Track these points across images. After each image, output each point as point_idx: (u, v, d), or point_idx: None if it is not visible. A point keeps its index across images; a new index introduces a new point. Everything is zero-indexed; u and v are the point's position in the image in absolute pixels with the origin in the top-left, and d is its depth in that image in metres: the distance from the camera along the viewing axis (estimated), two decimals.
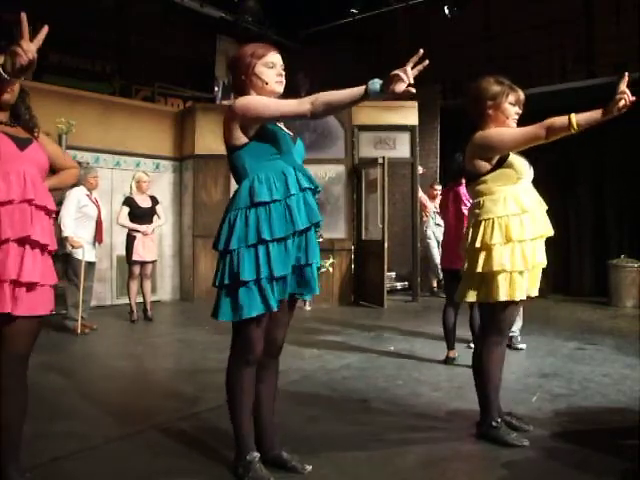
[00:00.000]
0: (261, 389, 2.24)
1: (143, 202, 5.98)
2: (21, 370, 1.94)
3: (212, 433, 2.65)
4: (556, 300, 7.47)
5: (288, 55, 2.21)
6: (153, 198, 6.12)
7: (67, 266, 5.30)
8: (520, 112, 2.57)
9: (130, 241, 5.90)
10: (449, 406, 3.10)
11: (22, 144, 1.94)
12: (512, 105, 2.53)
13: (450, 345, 4.10)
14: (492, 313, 2.54)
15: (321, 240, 2.31)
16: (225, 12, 9.02)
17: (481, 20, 8.41)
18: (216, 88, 9.68)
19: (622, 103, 2.16)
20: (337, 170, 7.57)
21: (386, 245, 7.03)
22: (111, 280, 7.26)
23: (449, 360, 4.06)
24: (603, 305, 7.09)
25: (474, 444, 2.55)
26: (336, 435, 2.65)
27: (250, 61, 2.11)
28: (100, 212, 5.45)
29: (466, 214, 3.54)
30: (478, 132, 2.56)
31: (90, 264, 5.39)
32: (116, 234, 6.83)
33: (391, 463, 2.34)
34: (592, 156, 8.15)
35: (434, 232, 7.95)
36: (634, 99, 2.19)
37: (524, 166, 2.55)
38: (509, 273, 2.45)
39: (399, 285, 8.71)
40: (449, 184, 4.29)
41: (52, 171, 2.18)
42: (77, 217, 5.25)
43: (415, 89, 1.82)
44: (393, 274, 8.73)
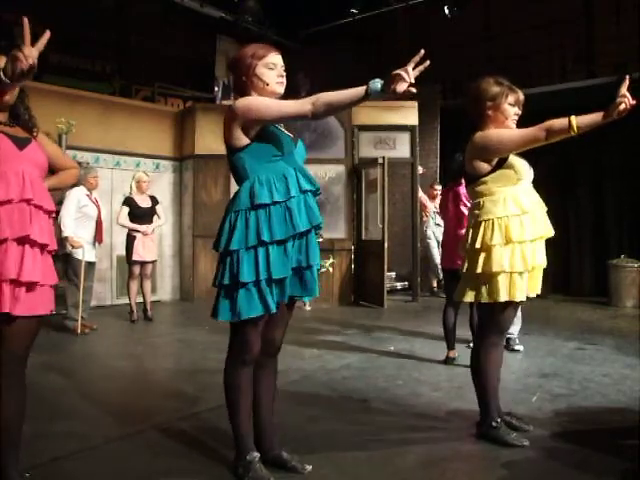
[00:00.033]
0: (260, 389, 2.24)
1: (143, 202, 5.98)
2: (20, 370, 1.94)
3: (212, 433, 2.65)
4: (556, 300, 7.47)
5: (288, 55, 2.21)
6: (153, 198, 6.12)
7: (67, 266, 5.31)
8: (519, 113, 2.57)
9: (130, 241, 5.90)
10: (449, 406, 3.10)
11: (21, 144, 1.94)
12: (511, 106, 2.53)
13: (450, 345, 4.10)
14: (491, 313, 2.54)
15: (321, 240, 2.31)
16: (225, 12, 9.02)
17: (481, 20, 8.41)
18: (216, 88, 9.68)
19: (622, 107, 2.16)
20: (337, 170, 7.57)
21: (386, 245, 7.03)
22: (111, 280, 7.26)
23: (449, 360, 4.07)
24: (603, 305, 7.09)
25: (474, 444, 2.55)
26: (336, 435, 2.65)
27: (251, 62, 2.11)
28: (100, 212, 5.45)
29: (466, 214, 3.54)
30: (477, 133, 2.56)
31: (90, 264, 5.39)
32: (116, 234, 6.83)
33: (391, 463, 2.34)
34: (592, 156, 8.15)
35: (434, 232, 7.95)
36: (634, 103, 2.18)
37: (524, 167, 2.55)
38: (509, 274, 2.45)
39: (399, 285, 8.71)
40: (449, 184, 4.29)
41: (52, 171, 2.18)
42: (77, 217, 5.26)
43: (416, 89, 1.82)
44: (393, 274, 8.73)
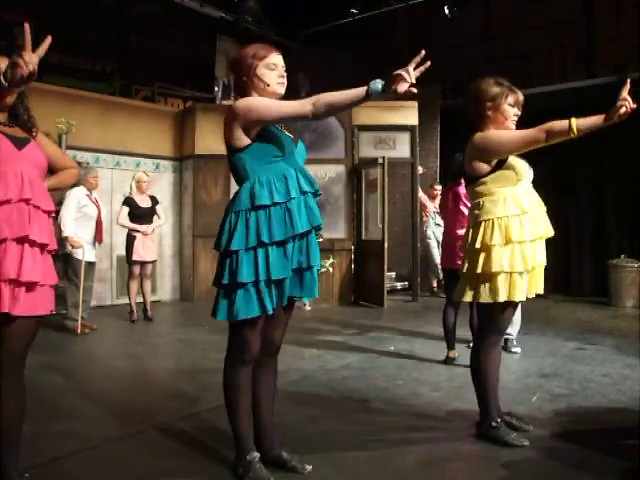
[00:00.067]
0: (260, 389, 2.24)
1: (143, 202, 5.99)
2: (19, 370, 1.93)
3: (212, 433, 2.65)
4: (556, 300, 7.47)
5: (288, 55, 2.21)
6: (153, 198, 6.12)
7: (67, 266, 5.31)
8: (519, 114, 2.57)
9: (130, 241, 5.90)
10: (449, 406, 3.10)
11: (20, 144, 1.94)
12: (511, 106, 2.53)
13: (450, 345, 4.10)
14: (491, 313, 2.53)
15: (321, 240, 2.31)
16: (225, 12, 9.02)
17: (481, 20, 8.41)
18: (216, 88, 9.68)
19: (623, 110, 2.15)
20: (337, 170, 7.57)
21: (386, 245, 7.03)
22: (111, 280, 7.26)
23: (449, 360, 4.07)
24: (603, 305, 7.09)
25: (474, 444, 2.55)
26: (336, 435, 2.65)
27: (251, 62, 2.10)
28: (100, 212, 5.45)
29: (466, 214, 3.53)
30: (477, 134, 2.55)
31: (90, 264, 5.39)
32: (116, 234, 6.83)
33: (391, 463, 2.34)
34: (592, 157, 8.15)
35: (434, 232, 7.95)
36: (635, 106, 2.18)
37: (524, 167, 2.55)
38: (509, 274, 2.45)
39: (399, 285, 8.71)
40: (449, 184, 4.29)
41: (52, 172, 2.18)
42: (77, 217, 5.26)
43: (416, 89, 1.82)
44: (393, 274, 8.73)
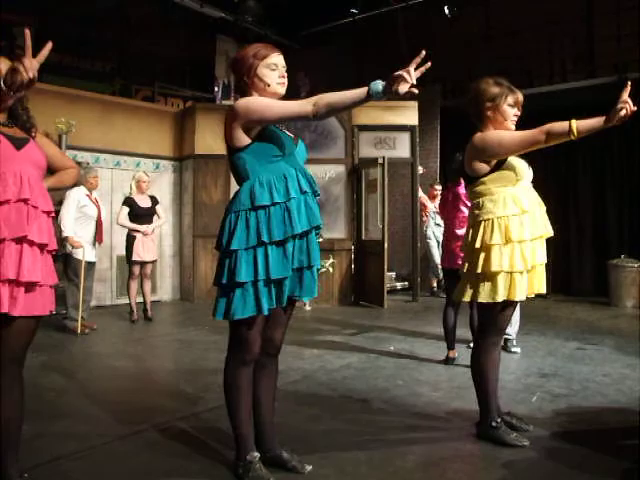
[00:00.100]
0: (260, 389, 2.24)
1: (143, 202, 5.98)
2: (17, 370, 1.94)
3: (212, 433, 2.65)
4: (556, 300, 7.47)
5: (288, 55, 2.21)
6: (153, 198, 6.12)
7: (67, 266, 5.31)
8: (519, 114, 2.56)
9: (130, 241, 5.90)
10: (449, 406, 3.10)
11: (19, 144, 1.94)
12: (511, 107, 2.53)
13: (450, 345, 4.10)
14: (491, 313, 2.53)
15: (321, 240, 2.31)
16: (225, 12, 9.03)
17: (481, 20, 8.41)
18: (216, 88, 9.69)
19: (623, 113, 2.15)
20: (337, 170, 7.57)
21: (386, 245, 7.03)
22: (111, 280, 7.26)
23: (449, 360, 4.06)
24: (603, 305, 7.09)
25: (474, 444, 2.55)
26: (336, 435, 2.65)
27: (252, 62, 2.11)
28: (100, 212, 5.45)
29: (466, 214, 3.53)
30: (477, 134, 2.55)
31: (90, 264, 5.39)
32: (116, 234, 6.83)
33: (391, 463, 2.34)
34: (592, 156, 8.16)
35: (434, 232, 7.95)
36: (635, 109, 2.18)
37: (523, 167, 2.55)
38: (509, 274, 2.45)
39: (399, 285, 8.71)
40: (448, 184, 4.29)
41: (51, 172, 2.18)
42: (77, 217, 5.26)
43: (417, 90, 1.82)
44: (393, 274, 8.74)
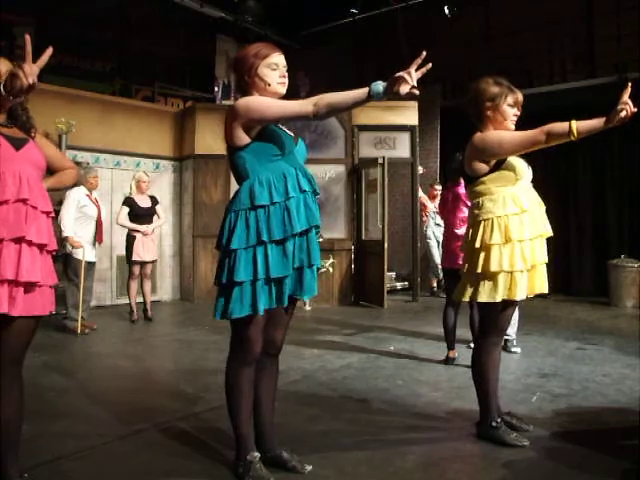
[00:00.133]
0: (261, 389, 2.24)
1: (143, 202, 5.98)
2: (16, 369, 1.94)
3: (212, 433, 2.65)
4: (556, 300, 7.46)
5: (288, 55, 2.21)
6: (153, 198, 6.12)
7: (67, 266, 5.31)
8: (518, 114, 2.57)
9: (130, 241, 5.90)
10: (449, 406, 3.10)
11: (18, 144, 1.94)
12: (511, 107, 2.53)
13: (450, 345, 4.10)
14: (491, 313, 2.53)
15: (321, 240, 2.32)
16: (225, 12, 9.03)
17: (481, 20, 8.41)
18: (216, 88, 9.69)
19: (624, 114, 2.16)
20: (337, 170, 7.57)
21: (386, 245, 7.03)
22: (111, 280, 7.26)
23: (449, 360, 4.06)
24: (603, 305, 7.09)
25: (474, 444, 2.55)
26: (336, 435, 2.65)
27: (253, 62, 2.11)
28: (100, 212, 5.45)
29: (466, 214, 3.53)
30: (477, 134, 2.55)
31: (90, 264, 5.39)
32: (116, 234, 6.83)
33: (391, 463, 2.34)
34: (592, 156, 8.16)
35: (434, 232, 7.95)
36: (635, 110, 2.18)
37: (523, 167, 2.55)
38: (509, 273, 2.45)
39: (399, 285, 8.71)
40: (448, 184, 4.29)
41: (51, 173, 2.18)
42: (77, 217, 5.25)
43: (418, 91, 1.82)
44: (393, 274, 8.73)
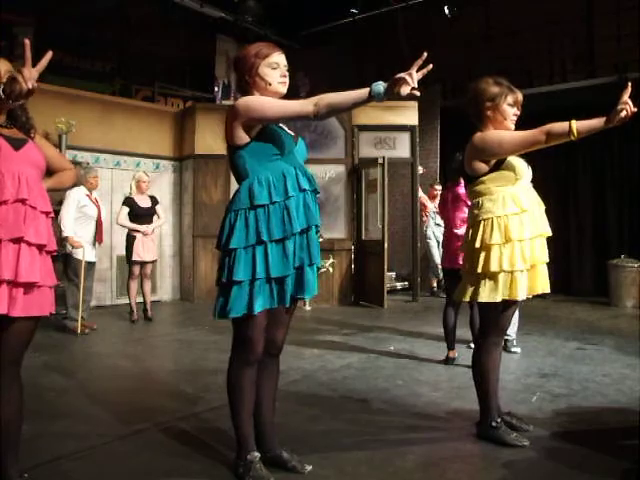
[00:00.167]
0: (261, 389, 2.24)
1: (143, 202, 5.98)
2: (15, 370, 1.94)
3: (212, 433, 2.65)
4: (556, 300, 7.46)
5: (288, 55, 2.21)
6: (153, 198, 6.12)
7: (67, 266, 5.31)
8: (518, 114, 2.57)
9: (130, 241, 5.90)
10: (449, 406, 3.10)
11: (17, 144, 1.94)
12: (510, 106, 2.53)
13: (450, 345, 4.10)
14: (492, 313, 2.53)
15: (321, 240, 2.32)
16: (225, 12, 9.03)
17: (481, 20, 8.41)
18: (216, 88, 9.68)
19: (624, 114, 2.16)
20: (337, 170, 7.57)
21: (386, 245, 7.03)
22: (111, 280, 7.26)
23: (449, 360, 4.06)
24: (603, 305, 7.09)
25: (474, 444, 2.55)
26: (336, 435, 2.65)
27: (254, 61, 2.11)
28: (100, 212, 5.45)
29: (466, 214, 3.53)
30: (477, 134, 2.55)
31: (90, 264, 5.39)
32: (116, 234, 6.83)
33: (391, 463, 2.34)
34: (592, 156, 8.16)
35: (434, 232, 7.95)
36: (635, 110, 2.18)
37: (522, 167, 2.55)
38: (509, 273, 2.45)
39: (399, 285, 8.71)
40: (448, 184, 4.29)
41: (50, 174, 2.18)
42: (77, 217, 5.25)
43: (419, 92, 1.82)
44: (393, 274, 8.73)
